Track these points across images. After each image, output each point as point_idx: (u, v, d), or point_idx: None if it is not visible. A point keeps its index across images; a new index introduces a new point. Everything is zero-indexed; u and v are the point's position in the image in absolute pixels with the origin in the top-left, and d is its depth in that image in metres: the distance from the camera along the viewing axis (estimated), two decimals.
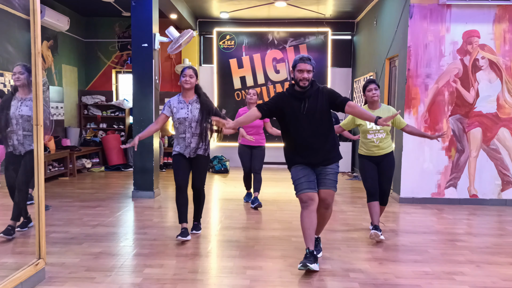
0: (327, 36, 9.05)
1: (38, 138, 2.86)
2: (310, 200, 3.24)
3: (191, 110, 3.94)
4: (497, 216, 5.17)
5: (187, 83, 3.93)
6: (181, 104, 3.98)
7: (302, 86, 3.23)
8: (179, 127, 3.97)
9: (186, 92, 3.98)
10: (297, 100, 3.27)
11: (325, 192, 3.32)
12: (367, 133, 4.03)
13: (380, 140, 4.02)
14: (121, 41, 9.10)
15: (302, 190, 3.26)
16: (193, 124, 3.94)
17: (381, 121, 3.23)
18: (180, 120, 3.94)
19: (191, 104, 3.97)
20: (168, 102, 4.03)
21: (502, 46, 5.61)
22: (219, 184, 7.24)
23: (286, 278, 3.09)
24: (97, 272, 3.17)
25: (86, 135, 8.92)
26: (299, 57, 3.28)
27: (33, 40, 2.80)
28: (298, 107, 3.26)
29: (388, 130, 4.05)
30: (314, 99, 3.26)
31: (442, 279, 3.13)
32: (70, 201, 5.59)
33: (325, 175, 3.33)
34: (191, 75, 3.94)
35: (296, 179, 3.32)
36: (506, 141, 5.72)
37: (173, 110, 3.98)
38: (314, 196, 3.26)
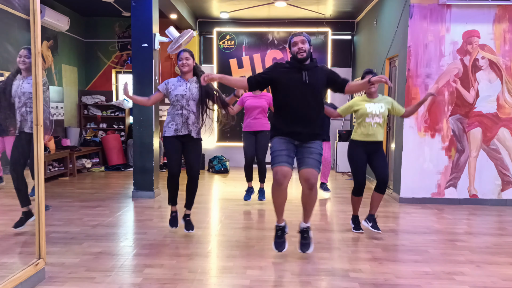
0: (327, 36, 9.05)
1: (38, 138, 2.86)
2: (283, 177, 3.22)
3: (189, 88, 3.95)
4: (497, 216, 5.18)
5: (184, 65, 3.95)
6: (180, 82, 4.00)
7: (300, 58, 3.23)
8: (176, 105, 3.96)
9: (184, 75, 4.00)
10: (297, 70, 3.27)
11: (308, 171, 3.25)
12: (365, 116, 4.04)
13: (378, 125, 4.04)
14: (121, 41, 9.10)
15: (281, 162, 3.23)
16: (190, 102, 3.94)
17: (374, 78, 3.16)
18: (177, 97, 3.94)
19: (190, 83, 3.99)
20: (167, 81, 4.06)
21: (502, 46, 5.62)
22: (219, 184, 7.24)
23: (286, 278, 3.09)
24: (97, 272, 3.17)
25: (86, 135, 8.92)
26: (292, 34, 3.35)
27: (33, 40, 2.80)
28: (297, 78, 3.26)
29: (385, 117, 4.09)
30: (313, 73, 3.28)
31: (442, 279, 3.13)
32: (70, 201, 5.59)
33: (308, 153, 3.28)
34: (187, 57, 3.96)
35: (277, 150, 3.27)
36: (506, 141, 5.72)
37: (170, 88, 3.99)
38: (289, 173, 3.25)
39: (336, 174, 8.48)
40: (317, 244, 3.90)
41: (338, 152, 8.64)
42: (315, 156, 3.29)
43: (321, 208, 5.47)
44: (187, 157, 4.06)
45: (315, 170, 3.27)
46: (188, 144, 4.02)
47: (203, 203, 5.66)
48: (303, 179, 3.29)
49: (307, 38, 3.30)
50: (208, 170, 8.68)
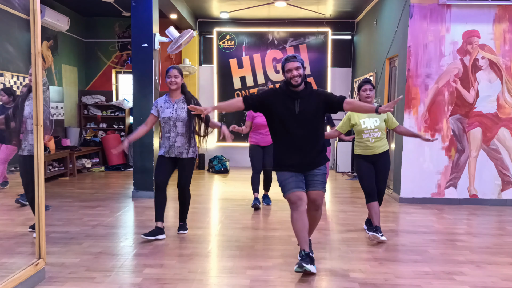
0: (327, 36, 9.05)
1: (38, 138, 2.86)
2: (299, 200, 3.18)
3: (176, 110, 3.95)
4: (497, 216, 5.17)
5: (172, 84, 3.95)
6: (167, 103, 4.00)
7: (294, 84, 3.17)
8: (165, 127, 3.98)
9: (172, 92, 4.00)
10: (290, 99, 3.21)
11: (314, 193, 3.26)
12: (362, 133, 4.02)
13: (376, 139, 4.01)
14: (121, 41, 9.10)
15: (291, 189, 3.19)
16: (178, 123, 3.94)
17: (382, 108, 3.12)
18: (165, 120, 3.95)
19: (177, 103, 3.98)
20: (156, 102, 4.06)
21: (502, 46, 5.62)
22: (219, 184, 7.24)
23: (286, 278, 3.09)
24: (97, 272, 3.17)
25: (86, 135, 8.92)
26: (284, 58, 3.25)
27: (33, 40, 2.80)
28: (291, 107, 3.19)
29: (384, 129, 4.05)
30: (307, 100, 3.21)
31: (442, 279, 3.13)
32: (70, 201, 5.59)
33: (313, 176, 3.27)
34: (176, 75, 3.95)
35: (284, 179, 3.25)
36: (506, 141, 5.72)
37: (159, 110, 4.00)
38: (303, 196, 3.20)
39: (336, 174, 8.48)
40: (317, 244, 3.90)
41: (338, 152, 8.64)
42: (320, 178, 3.29)
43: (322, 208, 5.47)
44: (178, 173, 4.08)
45: (321, 191, 3.29)
46: (179, 163, 4.04)
47: (203, 203, 5.66)
48: (310, 201, 3.28)
49: (300, 62, 3.21)
50: (208, 170, 8.68)
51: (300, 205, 3.18)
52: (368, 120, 4.00)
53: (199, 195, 6.25)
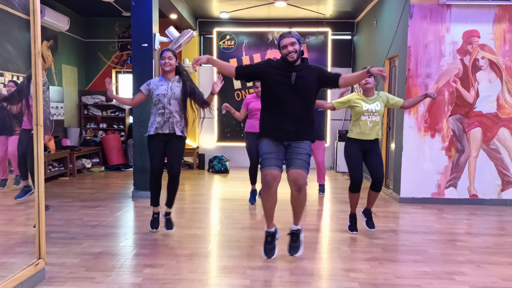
0: (327, 36, 9.05)
1: (38, 138, 2.86)
2: (273, 180, 3.19)
3: (171, 87, 3.97)
4: (497, 216, 5.17)
5: (166, 65, 3.96)
6: (161, 81, 4.02)
7: (290, 60, 3.19)
8: (158, 104, 3.97)
9: (167, 73, 4.02)
10: (287, 71, 3.23)
11: (295, 172, 3.20)
12: (361, 114, 4.04)
13: (374, 123, 4.03)
14: (121, 41, 9.10)
15: (270, 166, 3.20)
16: (172, 101, 3.95)
17: (374, 69, 3.07)
18: (159, 96, 3.96)
19: (172, 82, 4.00)
20: (149, 81, 4.09)
21: (502, 46, 5.62)
22: (219, 184, 7.24)
23: (286, 278, 3.09)
24: (97, 272, 3.17)
25: (86, 135, 8.92)
26: (280, 34, 3.28)
27: (33, 40, 2.80)
28: (286, 77, 3.22)
29: (382, 114, 4.09)
30: (303, 74, 3.23)
31: (442, 279, 3.13)
32: (70, 201, 5.59)
33: (296, 154, 3.23)
34: (170, 57, 3.97)
35: (266, 152, 3.24)
36: (506, 141, 5.72)
37: (152, 88, 4.01)
38: (278, 176, 3.21)
39: (336, 174, 8.48)
40: (317, 244, 3.91)
41: (338, 152, 8.64)
42: (303, 157, 3.23)
43: (321, 208, 5.48)
44: (168, 156, 4.06)
45: (303, 171, 3.21)
46: (170, 143, 4.02)
47: (203, 203, 5.66)
48: (291, 181, 3.23)
49: (296, 37, 3.22)
50: (208, 170, 8.68)
51: (272, 185, 3.22)
52: (369, 104, 4.04)
53: (199, 195, 6.25)
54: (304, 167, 3.22)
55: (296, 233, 3.47)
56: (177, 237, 4.06)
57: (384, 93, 4.17)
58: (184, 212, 5.13)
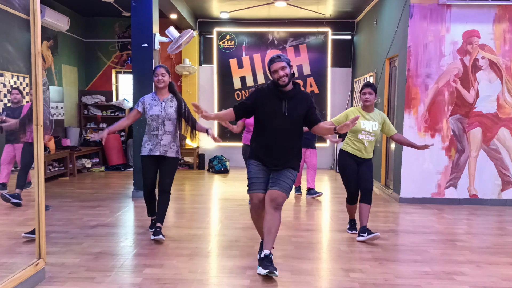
0: (327, 36, 9.05)
1: (38, 138, 2.86)
2: (259, 203, 3.24)
3: (164, 108, 3.96)
4: (497, 216, 5.17)
5: (159, 82, 3.95)
6: (154, 101, 4.00)
7: (282, 84, 3.15)
8: (152, 124, 3.97)
9: (160, 90, 4.01)
10: (278, 99, 3.20)
11: (277, 192, 3.14)
12: (358, 132, 4.03)
13: (369, 143, 4.04)
14: (121, 41, 9.10)
15: (257, 189, 3.23)
16: (166, 122, 3.95)
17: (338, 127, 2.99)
18: (153, 117, 3.95)
19: (165, 102, 3.99)
20: (142, 98, 4.07)
21: (502, 46, 5.62)
22: (219, 184, 7.24)
23: (286, 278, 3.09)
24: (97, 272, 3.17)
25: (86, 135, 8.92)
26: (269, 60, 3.22)
27: (33, 40, 2.80)
28: (277, 107, 3.18)
29: (378, 136, 4.09)
30: (295, 102, 3.20)
31: (442, 279, 3.13)
32: (70, 201, 5.59)
33: (283, 177, 3.21)
34: (163, 73, 3.96)
35: (254, 176, 3.26)
36: (506, 141, 5.72)
37: (146, 107, 4.00)
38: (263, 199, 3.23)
39: (336, 174, 8.48)
40: (317, 244, 3.91)
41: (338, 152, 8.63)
42: (288, 181, 3.23)
43: (321, 208, 5.48)
44: (160, 174, 4.07)
45: (284, 193, 3.19)
46: (163, 163, 4.03)
47: (203, 203, 5.66)
48: (269, 199, 3.15)
49: (286, 61, 3.16)
50: (208, 170, 8.68)
51: (259, 207, 3.26)
52: (368, 122, 4.02)
53: (199, 195, 6.25)
54: (286, 191, 3.21)
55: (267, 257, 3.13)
56: (177, 237, 4.06)
57: (384, 116, 4.12)
58: (184, 212, 5.13)
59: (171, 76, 4.07)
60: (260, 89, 3.31)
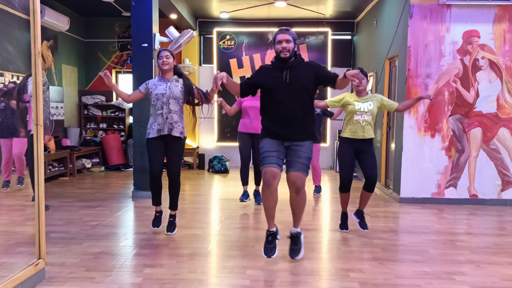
0: (327, 36, 9.05)
1: (38, 138, 2.86)
2: (272, 178, 3.19)
3: (169, 87, 3.96)
4: (497, 216, 5.18)
5: (164, 64, 3.95)
6: (160, 82, 4.01)
7: (283, 57, 3.16)
8: (157, 103, 3.96)
9: (165, 74, 4.01)
10: (279, 70, 3.22)
11: (294, 174, 3.21)
12: (354, 113, 4.06)
13: (366, 123, 4.05)
14: (121, 41, 9.10)
15: (270, 163, 3.19)
16: (171, 100, 3.94)
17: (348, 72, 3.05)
18: (157, 96, 3.95)
19: (170, 82, 4.00)
20: (148, 81, 4.08)
21: (502, 46, 5.62)
22: (219, 184, 7.24)
23: (286, 278, 3.09)
24: (97, 272, 3.17)
25: (86, 135, 8.92)
26: (277, 30, 3.25)
27: (33, 40, 2.80)
28: (279, 77, 3.20)
29: (375, 115, 4.11)
30: (298, 71, 3.21)
31: (442, 279, 3.13)
32: (70, 201, 5.59)
33: (297, 157, 3.23)
34: (167, 55, 3.96)
35: (267, 151, 3.24)
36: (506, 141, 5.72)
37: (150, 88, 4.00)
38: (277, 174, 3.20)
39: (336, 174, 8.47)
40: (317, 244, 3.91)
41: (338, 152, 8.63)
42: (303, 160, 3.23)
43: (321, 208, 5.47)
44: (168, 158, 4.05)
45: (302, 173, 3.23)
46: (170, 144, 4.01)
47: (203, 203, 5.66)
48: (290, 182, 3.25)
49: (292, 36, 3.19)
50: (208, 170, 8.68)
51: (272, 183, 3.20)
52: (361, 104, 4.08)
53: (199, 195, 6.25)
54: (304, 170, 3.24)
55: (296, 236, 3.46)
56: (177, 237, 4.06)
57: (379, 95, 4.21)
58: (184, 212, 5.13)
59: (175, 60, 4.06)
60: (263, 66, 3.38)
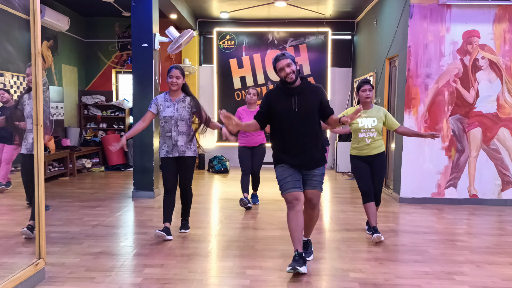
0: (327, 36, 9.05)
1: (38, 138, 2.86)
2: (295, 200, 3.18)
3: (177, 109, 3.95)
4: (497, 216, 5.17)
5: (173, 84, 3.93)
6: (167, 102, 3.99)
7: (289, 81, 3.17)
8: (165, 126, 3.97)
9: (173, 92, 4.00)
10: (287, 96, 3.21)
11: (311, 192, 3.27)
12: (358, 131, 4.03)
13: (372, 139, 4.02)
14: (121, 41, 9.10)
15: (288, 189, 3.20)
16: (179, 122, 3.95)
17: (343, 119, 3.07)
18: (166, 119, 3.95)
19: (178, 103, 3.98)
20: (155, 99, 4.06)
21: (502, 46, 5.61)
22: (219, 184, 7.24)
23: (286, 278, 3.09)
24: (97, 272, 3.17)
25: (86, 135, 8.92)
26: (273, 58, 3.24)
27: (33, 40, 2.80)
28: (288, 104, 3.20)
29: (380, 130, 4.06)
30: (305, 96, 3.21)
31: (442, 279, 3.13)
32: (70, 201, 5.59)
33: (311, 176, 3.27)
34: (177, 76, 3.93)
35: (282, 178, 3.25)
36: (506, 141, 5.72)
37: (159, 108, 4.00)
38: (300, 196, 3.20)
39: (336, 174, 8.48)
40: (317, 244, 3.90)
41: (338, 152, 8.64)
42: (318, 178, 3.30)
43: (321, 208, 5.47)
44: (180, 173, 4.07)
45: (318, 190, 3.30)
46: (181, 161, 4.02)
47: (203, 203, 5.66)
48: (306, 199, 3.29)
49: (291, 58, 3.18)
50: (208, 170, 8.68)
51: (296, 204, 3.18)
52: (365, 119, 4.02)
53: (199, 195, 6.25)
54: (319, 187, 3.31)
55: (307, 242, 3.52)
56: (177, 237, 4.06)
57: (385, 111, 4.11)
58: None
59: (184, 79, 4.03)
60: (270, 92, 3.36)
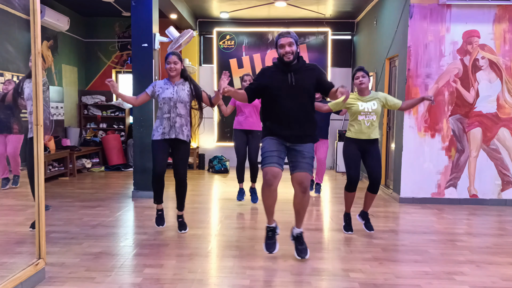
0: (327, 36, 9.05)
1: (38, 138, 2.86)
2: (273, 178, 3.21)
3: (176, 91, 3.97)
4: (497, 216, 5.18)
5: (172, 70, 3.96)
6: (167, 85, 4.02)
7: (286, 61, 3.19)
8: (163, 107, 3.98)
9: (172, 78, 4.03)
10: (283, 73, 3.24)
11: (301, 175, 3.25)
12: (358, 114, 4.04)
13: (371, 123, 4.03)
14: (121, 41, 9.10)
15: (272, 163, 3.21)
16: (178, 104, 3.96)
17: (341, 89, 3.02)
18: (165, 100, 3.96)
19: (177, 85, 4.00)
20: (154, 83, 4.09)
21: (502, 46, 5.62)
22: (219, 184, 7.24)
23: (286, 278, 3.09)
24: (97, 272, 3.17)
25: (86, 135, 8.92)
26: (278, 34, 3.26)
27: (33, 40, 2.80)
28: (284, 80, 3.22)
29: (379, 114, 4.08)
30: (301, 74, 3.23)
31: (442, 279, 3.13)
32: (70, 201, 5.59)
33: (302, 157, 3.26)
34: (175, 61, 3.96)
35: (269, 150, 3.25)
36: (506, 141, 5.72)
37: (158, 91, 4.01)
38: (279, 174, 3.23)
39: (336, 174, 8.47)
40: (317, 244, 3.91)
41: (338, 152, 8.64)
42: (308, 160, 3.29)
43: (321, 208, 5.47)
44: (174, 161, 4.07)
45: (308, 173, 3.29)
46: (176, 148, 4.03)
47: (203, 203, 5.66)
48: (296, 183, 3.28)
49: (294, 38, 3.21)
50: (208, 170, 8.68)
51: (273, 182, 3.23)
52: (365, 103, 4.05)
53: (199, 195, 6.25)
54: (310, 170, 3.30)
55: (300, 236, 3.52)
56: (177, 237, 4.06)
57: (383, 94, 4.17)
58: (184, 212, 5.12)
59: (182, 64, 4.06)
60: (266, 68, 3.41)
